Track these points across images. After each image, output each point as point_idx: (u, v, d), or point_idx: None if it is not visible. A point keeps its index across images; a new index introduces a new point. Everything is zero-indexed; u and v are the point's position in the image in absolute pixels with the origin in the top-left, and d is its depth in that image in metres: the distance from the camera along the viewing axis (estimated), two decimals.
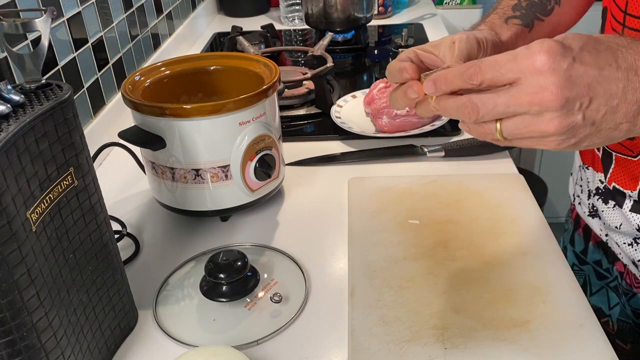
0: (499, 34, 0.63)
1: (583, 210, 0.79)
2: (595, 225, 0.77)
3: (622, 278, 0.75)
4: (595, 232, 0.78)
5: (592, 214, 0.77)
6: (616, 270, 0.76)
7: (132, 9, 1.12)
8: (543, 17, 0.69)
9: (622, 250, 0.72)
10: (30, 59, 0.48)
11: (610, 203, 0.71)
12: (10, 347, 0.43)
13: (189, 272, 0.66)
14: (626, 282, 0.74)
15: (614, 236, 0.72)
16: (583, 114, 0.41)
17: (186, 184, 0.69)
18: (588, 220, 0.79)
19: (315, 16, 1.38)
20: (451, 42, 0.53)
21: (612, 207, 0.70)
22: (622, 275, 0.75)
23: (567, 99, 0.40)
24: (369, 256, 0.65)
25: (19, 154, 0.41)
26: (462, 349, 0.53)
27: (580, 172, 0.80)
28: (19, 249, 0.41)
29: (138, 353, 0.57)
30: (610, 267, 0.77)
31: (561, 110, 0.40)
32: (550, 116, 0.40)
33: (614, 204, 0.70)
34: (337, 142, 0.93)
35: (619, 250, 0.74)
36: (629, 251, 0.70)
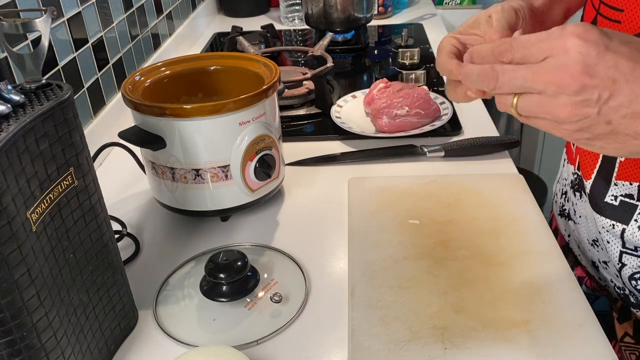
0: (531, 0, 0.61)
1: (556, 209, 0.79)
2: (562, 226, 0.77)
3: (581, 283, 0.73)
4: (561, 231, 0.77)
5: (560, 213, 0.77)
6: (575, 276, 0.75)
7: (132, 9, 1.12)
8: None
9: (583, 252, 0.71)
10: (31, 59, 0.48)
11: (577, 195, 0.70)
12: (10, 347, 0.43)
13: (189, 272, 0.66)
14: (587, 287, 0.73)
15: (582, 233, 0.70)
16: (599, 109, 0.38)
17: (186, 184, 0.69)
18: (557, 220, 0.78)
19: (315, 16, 1.38)
20: (487, 17, 0.53)
21: (583, 200, 0.69)
22: (582, 280, 0.73)
23: (585, 86, 0.38)
24: (369, 256, 0.65)
25: (19, 154, 0.41)
26: (462, 349, 0.53)
27: (561, 170, 0.79)
28: (19, 249, 0.41)
29: (138, 353, 0.57)
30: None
31: (576, 96, 0.38)
32: (565, 100, 0.39)
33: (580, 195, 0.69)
34: (337, 142, 0.93)
35: (578, 252, 0.73)
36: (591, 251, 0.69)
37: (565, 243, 0.77)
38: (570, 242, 0.74)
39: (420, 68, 1.20)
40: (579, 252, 0.73)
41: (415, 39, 1.37)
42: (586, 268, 0.73)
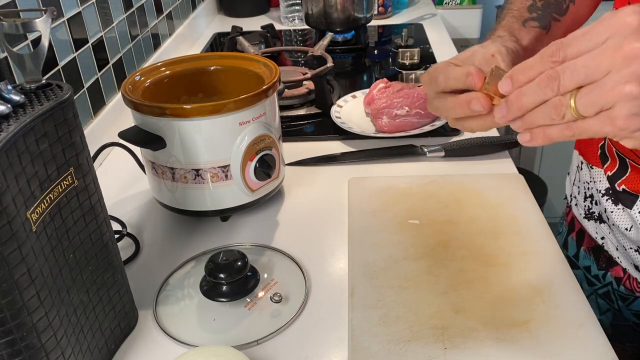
0: (519, 39, 0.60)
1: (579, 212, 0.78)
2: (591, 228, 0.76)
3: (619, 284, 0.73)
4: (591, 234, 0.76)
5: (588, 216, 0.76)
6: (610, 276, 0.75)
7: (132, 9, 1.12)
8: (559, 16, 0.64)
9: (626, 255, 0.70)
10: (31, 59, 0.48)
11: (619, 205, 0.69)
12: (10, 347, 0.43)
13: (189, 272, 0.66)
14: (625, 288, 0.73)
15: (621, 240, 0.70)
16: None
17: (186, 184, 0.69)
18: (583, 223, 0.77)
19: (315, 16, 1.38)
20: (489, 55, 0.52)
21: (622, 209, 0.69)
22: (620, 280, 0.73)
23: None
24: (369, 256, 0.65)
25: (19, 154, 0.41)
26: (462, 349, 0.53)
27: (578, 173, 0.78)
28: (19, 249, 0.41)
29: (138, 353, 0.57)
30: (601, 273, 0.76)
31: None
32: (631, 73, 0.36)
33: (623, 207, 0.69)
34: (337, 142, 0.94)
35: (617, 255, 0.72)
36: (635, 257, 0.68)
37: (596, 245, 0.75)
38: (606, 244, 0.73)
39: (420, 68, 1.20)
40: (618, 255, 0.72)
41: (415, 39, 1.37)
42: (626, 269, 0.72)
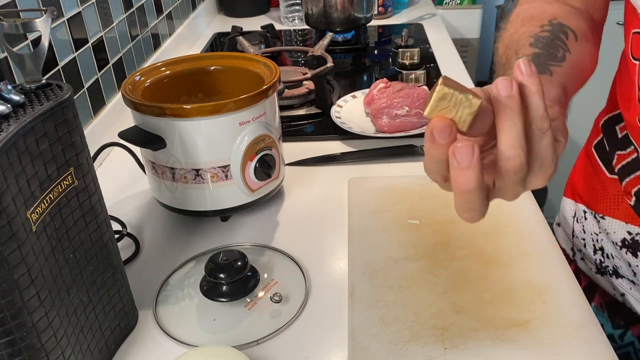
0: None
1: (588, 267, 0.73)
2: (605, 284, 0.71)
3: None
4: (606, 290, 0.71)
5: (602, 271, 0.71)
6: (632, 335, 0.70)
7: (132, 9, 1.12)
8: (558, 63, 0.55)
9: None
10: (31, 59, 0.47)
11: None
12: (10, 347, 0.43)
13: (189, 272, 0.66)
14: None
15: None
16: None
17: (186, 184, 0.69)
18: (595, 278, 0.72)
19: (315, 16, 1.38)
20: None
21: None
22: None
23: None
24: (369, 256, 0.65)
25: (19, 154, 0.41)
26: (462, 349, 0.53)
27: (579, 224, 0.73)
28: (19, 249, 0.41)
29: (138, 353, 0.57)
30: (618, 332, 0.71)
31: None
32: None
33: None
34: (337, 142, 0.94)
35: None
36: None
37: (612, 300, 0.71)
38: (627, 300, 0.69)
39: (420, 68, 1.20)
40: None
41: (416, 39, 1.37)
42: None
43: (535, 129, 0.38)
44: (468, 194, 0.37)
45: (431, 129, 0.37)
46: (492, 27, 2.43)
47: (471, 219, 0.40)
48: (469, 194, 0.37)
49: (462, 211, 0.39)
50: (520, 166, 0.37)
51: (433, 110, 0.37)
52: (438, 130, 0.37)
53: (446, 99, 0.36)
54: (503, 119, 0.37)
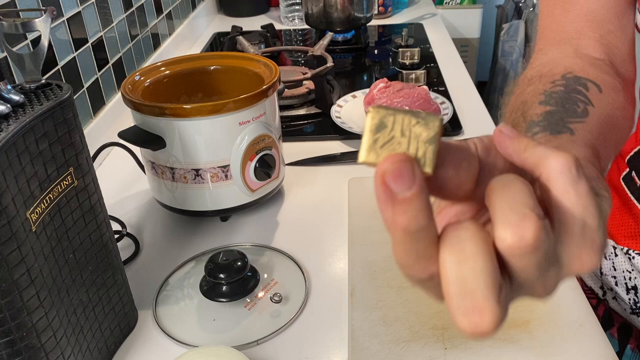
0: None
1: (622, 307, 0.68)
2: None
3: None
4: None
5: (637, 312, 0.66)
6: None
7: (132, 9, 1.12)
8: (578, 119, 0.43)
9: None
10: (30, 59, 0.47)
11: None
12: (10, 347, 0.43)
13: (189, 272, 0.66)
14: None
15: None
16: None
17: (186, 184, 0.69)
18: (631, 319, 0.67)
19: (315, 16, 1.38)
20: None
21: None
22: None
23: None
24: (369, 256, 0.65)
25: (19, 154, 0.41)
26: (462, 349, 0.53)
27: (612, 260, 0.68)
28: (19, 249, 0.41)
29: (138, 353, 0.57)
30: None
31: None
32: None
33: None
34: (337, 142, 0.93)
35: None
36: None
37: None
38: None
39: (421, 68, 1.20)
40: None
41: (416, 39, 1.37)
42: None
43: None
44: (419, 239, 0.24)
45: (381, 177, 0.23)
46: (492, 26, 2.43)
47: (475, 326, 0.24)
48: (421, 240, 0.24)
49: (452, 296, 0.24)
50: (531, 240, 0.23)
51: (371, 149, 0.24)
52: (393, 175, 0.23)
53: (387, 126, 0.25)
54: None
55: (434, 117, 0.25)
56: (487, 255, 0.24)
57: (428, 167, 0.24)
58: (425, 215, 0.24)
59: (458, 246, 0.24)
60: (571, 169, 0.26)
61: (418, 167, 0.24)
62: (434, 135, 0.24)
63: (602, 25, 0.54)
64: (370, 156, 0.25)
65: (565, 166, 0.26)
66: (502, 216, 0.24)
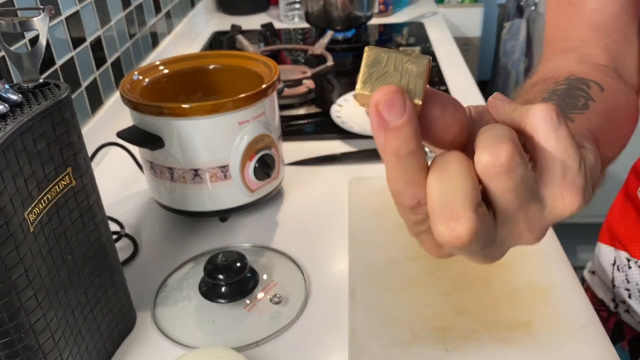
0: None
1: (635, 320, 0.68)
2: None
3: None
4: None
5: None
6: None
7: (131, 8, 1.11)
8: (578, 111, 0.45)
9: None
10: (28, 58, 0.47)
11: None
12: (7, 349, 0.43)
13: (188, 273, 0.66)
14: None
15: None
16: None
17: (185, 184, 0.69)
18: None
19: (316, 14, 1.38)
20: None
21: None
22: None
23: None
24: (370, 257, 0.65)
25: (17, 154, 0.41)
26: (463, 351, 0.53)
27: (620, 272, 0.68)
28: (17, 249, 0.40)
29: (136, 354, 0.57)
30: None
31: None
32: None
33: None
34: (337, 142, 0.93)
35: None
36: None
37: None
38: None
39: None
40: None
41: (416, 38, 1.36)
42: None
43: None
44: (408, 164, 0.27)
45: (375, 106, 0.26)
46: (493, 25, 2.43)
47: (452, 230, 0.26)
48: (410, 164, 0.27)
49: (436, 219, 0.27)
50: (504, 159, 0.26)
51: (367, 82, 0.27)
52: (386, 104, 0.25)
53: (381, 63, 0.27)
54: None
55: (423, 56, 0.27)
56: (468, 176, 0.26)
57: (417, 97, 0.27)
58: (414, 142, 0.26)
59: (443, 167, 0.27)
60: (552, 116, 0.28)
61: (409, 99, 0.26)
62: (422, 70, 0.27)
63: (607, 35, 0.55)
64: (365, 88, 0.27)
65: (546, 114, 0.28)
66: (481, 144, 0.26)
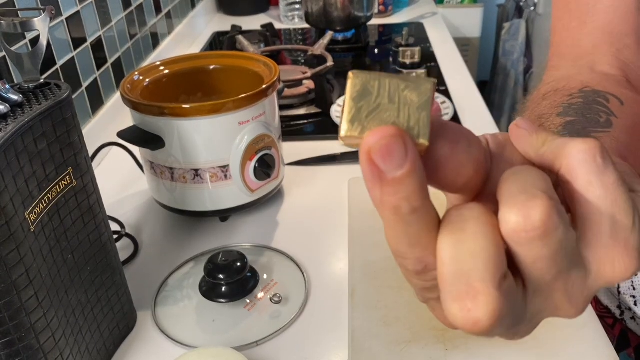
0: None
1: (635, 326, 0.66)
2: None
3: None
4: None
5: None
6: None
7: (131, 8, 1.12)
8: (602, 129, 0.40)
9: None
10: (29, 59, 0.47)
11: None
12: (8, 348, 0.43)
13: (188, 273, 0.66)
14: None
15: None
16: None
17: (185, 184, 0.69)
18: None
19: (316, 15, 1.38)
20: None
21: None
22: None
23: None
24: (370, 256, 0.65)
25: (18, 154, 0.41)
26: (462, 350, 0.53)
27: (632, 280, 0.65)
28: (18, 249, 0.41)
29: (137, 354, 0.57)
30: None
31: None
32: None
33: None
34: (337, 142, 0.93)
35: None
36: None
37: None
38: None
39: (421, 67, 1.19)
40: None
41: (416, 38, 1.36)
42: None
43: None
44: (411, 223, 0.22)
45: (367, 153, 0.20)
46: (493, 26, 2.43)
47: (467, 313, 0.21)
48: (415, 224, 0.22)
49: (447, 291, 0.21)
50: (538, 221, 0.20)
51: (355, 120, 0.21)
52: (382, 152, 0.20)
53: (372, 94, 0.21)
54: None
55: (425, 79, 0.21)
56: (491, 237, 0.21)
57: (423, 137, 0.21)
58: (419, 197, 0.21)
59: (459, 225, 0.22)
60: (596, 157, 0.22)
61: (411, 141, 0.20)
62: (426, 100, 0.21)
63: (619, 39, 0.53)
64: (354, 129, 0.21)
65: (588, 154, 0.22)
66: (508, 198, 0.21)
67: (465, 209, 0.22)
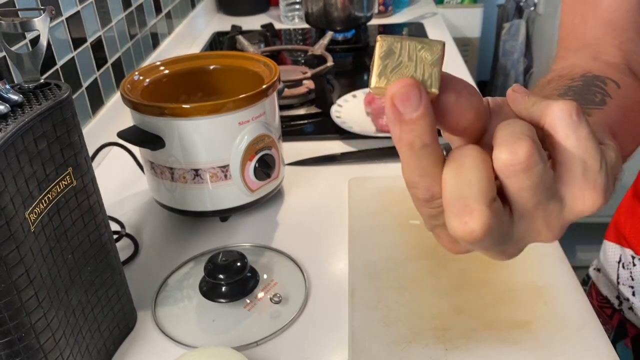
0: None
1: (638, 317, 0.68)
2: None
3: None
4: None
5: None
6: None
7: (131, 8, 1.12)
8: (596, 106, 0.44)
9: None
10: (29, 59, 0.47)
11: None
12: (8, 348, 0.43)
13: (188, 273, 0.66)
14: None
15: None
16: None
17: (185, 184, 0.69)
18: None
19: (316, 15, 1.38)
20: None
21: None
22: None
23: None
24: (370, 257, 0.65)
25: (18, 154, 0.41)
26: (463, 350, 0.53)
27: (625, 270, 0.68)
28: (18, 249, 0.41)
29: (137, 354, 0.57)
30: None
31: None
32: None
33: None
34: (337, 142, 0.93)
35: None
36: None
37: None
38: None
39: None
40: None
41: None
42: None
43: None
44: (423, 157, 0.27)
45: (391, 99, 0.26)
46: (493, 26, 2.43)
47: (465, 225, 0.26)
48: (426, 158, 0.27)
49: (449, 213, 0.27)
50: (523, 157, 0.26)
51: (382, 74, 0.27)
52: (402, 97, 0.26)
53: (395, 53, 0.27)
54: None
55: (437, 41, 0.27)
56: (484, 170, 0.27)
57: (434, 87, 0.27)
58: (429, 135, 0.26)
59: (459, 160, 0.27)
60: (572, 114, 0.28)
61: (424, 91, 0.26)
62: (437, 58, 0.26)
63: (621, 33, 0.55)
64: (381, 81, 0.27)
65: (565, 112, 0.28)
66: (500, 140, 0.27)
67: (466, 148, 0.28)
